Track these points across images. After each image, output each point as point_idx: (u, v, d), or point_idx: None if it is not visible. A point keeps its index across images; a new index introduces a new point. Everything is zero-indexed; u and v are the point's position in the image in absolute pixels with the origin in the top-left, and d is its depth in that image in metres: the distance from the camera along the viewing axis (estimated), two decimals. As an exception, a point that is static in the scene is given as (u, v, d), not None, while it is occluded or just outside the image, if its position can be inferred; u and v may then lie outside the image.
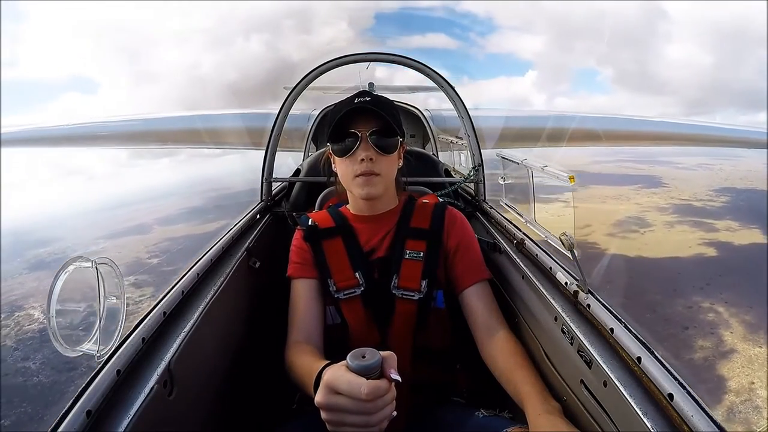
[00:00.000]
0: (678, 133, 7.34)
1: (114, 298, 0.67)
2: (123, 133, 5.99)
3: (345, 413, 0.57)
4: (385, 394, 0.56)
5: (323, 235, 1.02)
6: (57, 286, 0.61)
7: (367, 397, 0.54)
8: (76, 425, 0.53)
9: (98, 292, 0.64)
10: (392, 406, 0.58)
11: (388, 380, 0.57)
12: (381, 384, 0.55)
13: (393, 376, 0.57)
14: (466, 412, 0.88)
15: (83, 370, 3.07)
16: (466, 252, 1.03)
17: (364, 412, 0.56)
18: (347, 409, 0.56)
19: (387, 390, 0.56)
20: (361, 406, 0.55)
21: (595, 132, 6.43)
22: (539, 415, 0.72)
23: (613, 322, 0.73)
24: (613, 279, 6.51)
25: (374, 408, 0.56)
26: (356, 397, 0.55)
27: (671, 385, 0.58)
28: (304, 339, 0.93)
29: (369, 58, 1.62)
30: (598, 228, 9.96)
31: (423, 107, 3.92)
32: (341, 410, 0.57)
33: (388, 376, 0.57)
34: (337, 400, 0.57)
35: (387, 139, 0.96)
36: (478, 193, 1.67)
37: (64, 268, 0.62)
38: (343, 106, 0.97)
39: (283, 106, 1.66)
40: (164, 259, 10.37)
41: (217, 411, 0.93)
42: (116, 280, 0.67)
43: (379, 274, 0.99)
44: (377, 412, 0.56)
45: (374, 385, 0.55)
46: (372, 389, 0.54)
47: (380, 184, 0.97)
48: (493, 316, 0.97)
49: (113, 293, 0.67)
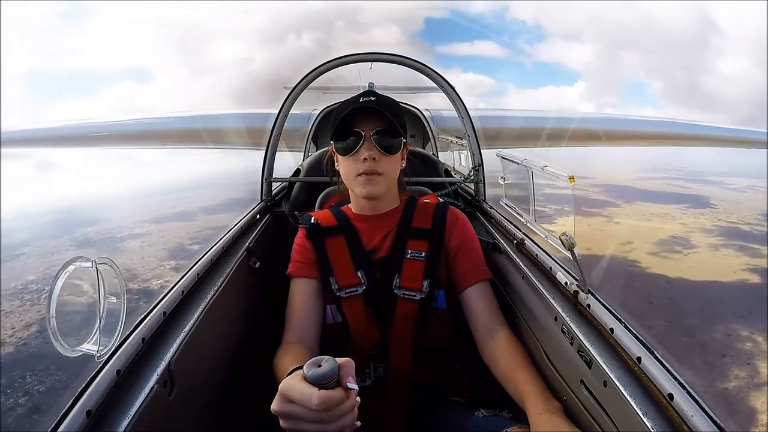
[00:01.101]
0: (678, 133, 7.33)
1: (114, 298, 0.67)
2: (123, 133, 6.00)
3: (302, 421, 0.55)
4: (338, 404, 0.54)
5: (326, 234, 1.02)
6: (57, 286, 0.61)
7: (317, 407, 0.53)
8: (76, 425, 0.53)
9: (98, 292, 0.64)
10: (353, 415, 0.56)
11: (345, 389, 0.55)
12: (333, 394, 0.54)
13: (349, 385, 0.55)
14: (466, 412, 0.88)
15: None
16: (468, 252, 1.03)
17: (318, 421, 0.54)
18: (302, 417, 0.55)
19: (341, 400, 0.54)
20: (315, 415, 0.54)
21: (595, 132, 6.42)
22: (540, 415, 0.72)
23: (613, 322, 0.73)
24: (653, 300, 6.40)
25: (329, 417, 0.54)
26: (307, 407, 0.54)
27: (671, 385, 0.58)
28: (297, 339, 0.93)
29: (369, 58, 1.62)
30: (640, 246, 9.70)
31: (423, 107, 3.92)
32: (297, 418, 0.55)
33: (344, 385, 0.55)
34: (290, 408, 0.55)
35: (390, 139, 0.96)
36: (478, 193, 1.67)
37: (64, 268, 0.62)
38: (348, 104, 0.97)
39: (283, 106, 1.66)
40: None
41: (217, 411, 0.93)
42: (116, 280, 0.67)
43: (381, 273, 0.99)
44: (333, 421, 0.54)
45: (325, 395, 0.53)
46: (322, 400, 0.53)
47: (382, 183, 0.97)
48: (494, 317, 0.97)
49: (113, 293, 0.67)
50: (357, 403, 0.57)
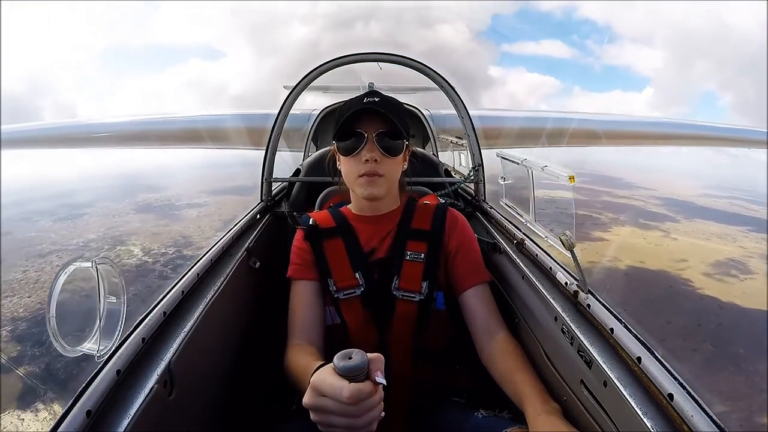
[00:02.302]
0: (678, 132, 7.32)
1: (114, 298, 0.67)
2: (123, 133, 5.99)
3: (331, 414, 0.56)
4: (368, 397, 0.55)
5: (324, 235, 1.02)
6: (57, 286, 0.61)
7: (349, 400, 0.54)
8: (76, 425, 0.53)
9: (98, 292, 0.64)
10: (380, 408, 0.57)
11: (373, 383, 0.56)
12: (363, 387, 0.55)
13: (378, 380, 0.56)
14: (466, 412, 0.87)
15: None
16: (467, 254, 1.03)
17: (348, 414, 0.56)
18: (332, 411, 0.56)
19: (370, 393, 0.55)
20: (345, 408, 0.55)
21: (596, 131, 6.41)
22: (538, 416, 0.72)
23: (613, 322, 0.73)
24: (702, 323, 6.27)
25: (358, 411, 0.55)
26: (338, 399, 0.55)
27: (671, 385, 0.58)
28: (304, 341, 0.93)
29: (369, 58, 1.62)
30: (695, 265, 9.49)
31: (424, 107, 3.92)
32: (327, 411, 0.57)
33: (373, 378, 0.56)
34: (322, 401, 0.57)
35: (393, 141, 0.96)
36: (478, 193, 1.67)
37: (64, 268, 0.62)
38: (351, 104, 0.97)
39: (283, 106, 1.66)
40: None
41: (217, 411, 0.93)
42: (116, 280, 0.67)
43: (380, 274, 0.99)
44: (362, 414, 0.56)
45: (356, 388, 0.54)
46: (353, 392, 0.54)
47: (383, 185, 0.97)
48: (493, 319, 0.97)
49: (113, 293, 0.67)
50: (382, 397, 0.58)
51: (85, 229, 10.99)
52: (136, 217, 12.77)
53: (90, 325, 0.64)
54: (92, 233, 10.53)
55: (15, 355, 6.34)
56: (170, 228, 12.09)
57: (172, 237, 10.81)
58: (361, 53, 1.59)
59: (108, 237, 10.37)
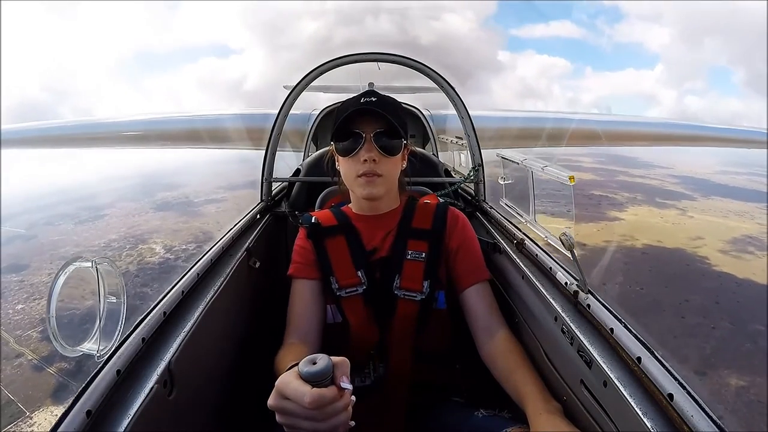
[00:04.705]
0: (677, 132, 7.32)
1: (114, 298, 0.67)
2: (123, 133, 5.99)
3: (296, 418, 0.56)
4: (330, 402, 0.54)
5: (326, 233, 1.02)
6: (57, 286, 0.61)
7: (310, 405, 0.53)
8: (76, 425, 0.53)
9: (98, 292, 0.64)
10: (347, 415, 0.56)
11: (338, 388, 0.55)
12: (326, 392, 0.54)
13: (343, 385, 0.55)
14: (466, 412, 0.88)
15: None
16: (467, 253, 1.03)
17: (312, 418, 0.55)
18: (296, 414, 0.55)
19: (334, 399, 0.54)
20: (308, 412, 0.54)
21: (595, 131, 6.41)
22: (539, 415, 0.72)
23: (613, 322, 0.73)
24: (720, 300, 6.20)
25: (322, 416, 0.54)
26: (300, 404, 0.54)
27: (671, 385, 0.58)
28: (299, 340, 0.93)
29: (369, 58, 1.62)
30: (711, 242, 9.39)
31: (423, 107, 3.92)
32: (291, 415, 0.56)
33: (338, 384, 0.55)
34: (285, 405, 0.56)
35: (391, 141, 0.96)
36: (478, 193, 1.67)
37: (63, 268, 0.62)
38: (349, 105, 0.97)
39: (283, 106, 1.66)
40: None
41: (217, 411, 0.93)
42: (116, 280, 0.67)
43: (381, 274, 0.99)
44: (326, 419, 0.55)
45: (318, 393, 0.53)
46: (315, 398, 0.53)
47: (382, 185, 0.97)
48: (493, 317, 0.97)
49: (113, 293, 0.67)
50: (351, 403, 0.57)
51: (106, 230, 11.18)
52: (155, 216, 12.93)
53: (90, 325, 0.64)
54: (113, 233, 10.68)
55: (46, 354, 6.45)
56: (190, 224, 12.20)
57: (193, 233, 10.88)
58: (360, 53, 1.59)
59: (129, 236, 10.53)
